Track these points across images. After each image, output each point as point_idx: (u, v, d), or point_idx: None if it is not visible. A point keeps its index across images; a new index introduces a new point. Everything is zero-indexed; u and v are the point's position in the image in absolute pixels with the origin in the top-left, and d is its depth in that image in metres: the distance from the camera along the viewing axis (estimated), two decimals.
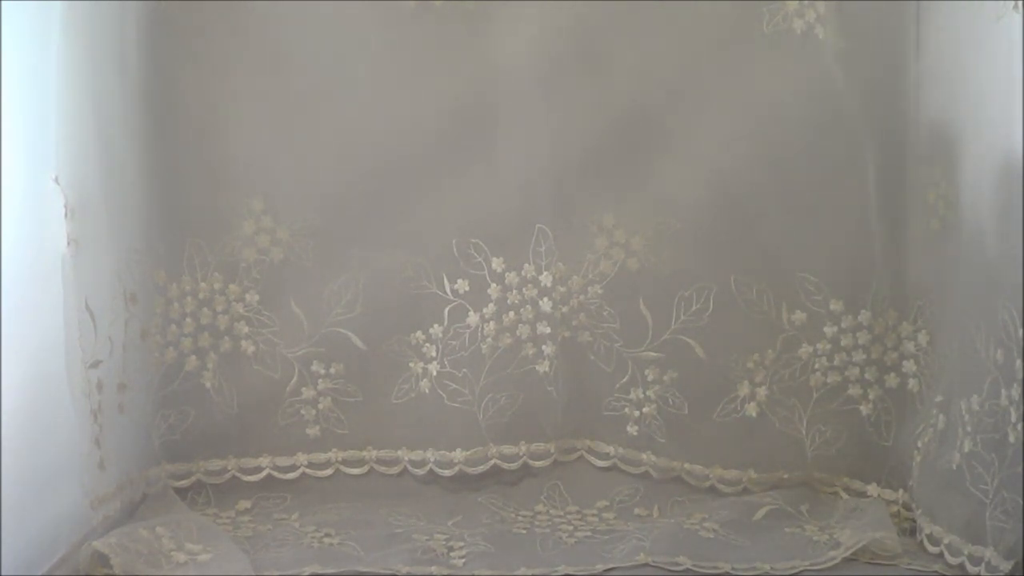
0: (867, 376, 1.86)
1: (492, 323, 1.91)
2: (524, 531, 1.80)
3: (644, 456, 1.91)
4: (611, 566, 1.67)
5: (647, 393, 1.91)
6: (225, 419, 1.91)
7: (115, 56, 1.78)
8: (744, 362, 1.88)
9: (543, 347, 1.91)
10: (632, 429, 1.92)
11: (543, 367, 1.91)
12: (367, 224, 1.91)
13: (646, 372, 1.91)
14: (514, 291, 1.91)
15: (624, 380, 1.92)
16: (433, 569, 1.65)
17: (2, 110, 1.48)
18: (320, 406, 1.93)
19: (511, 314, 1.91)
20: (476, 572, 1.65)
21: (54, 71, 1.62)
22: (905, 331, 1.83)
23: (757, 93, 1.85)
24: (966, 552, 1.59)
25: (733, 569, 1.65)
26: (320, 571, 1.64)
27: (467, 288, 1.91)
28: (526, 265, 1.91)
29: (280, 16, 1.86)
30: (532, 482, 1.92)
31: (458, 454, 1.91)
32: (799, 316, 1.87)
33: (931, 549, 1.67)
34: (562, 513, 1.87)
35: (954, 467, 1.61)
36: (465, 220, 1.91)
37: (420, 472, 1.93)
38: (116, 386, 1.76)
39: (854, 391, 1.87)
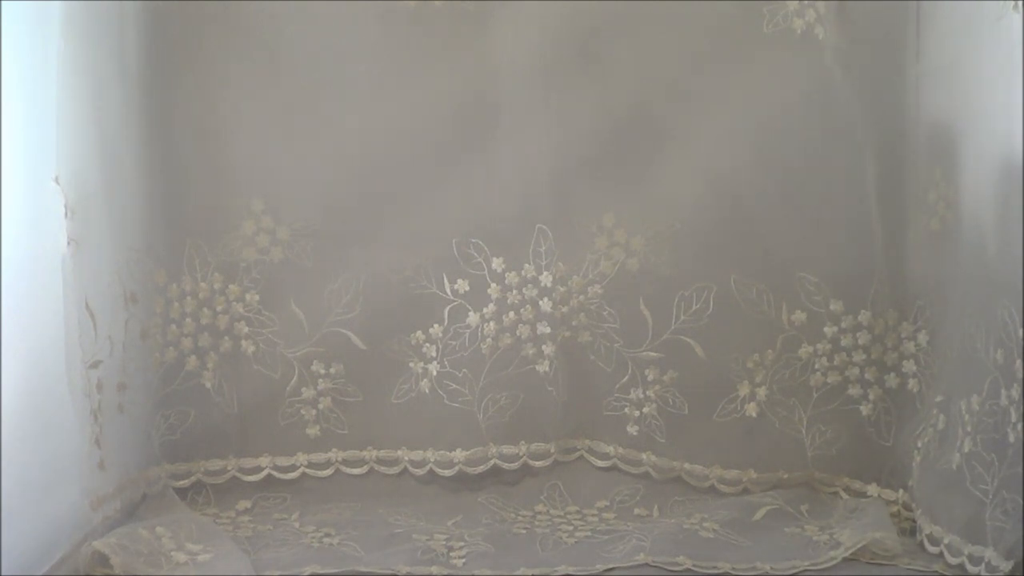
0: (867, 376, 1.86)
1: (492, 323, 1.91)
2: (524, 531, 1.80)
3: (644, 456, 1.91)
4: (611, 566, 1.67)
5: (647, 393, 1.91)
6: (225, 419, 1.91)
7: (115, 56, 1.79)
8: (744, 362, 1.88)
9: (543, 347, 1.91)
10: (632, 429, 1.92)
11: (543, 367, 1.91)
12: (367, 224, 1.91)
13: (646, 372, 1.91)
14: (514, 291, 1.91)
15: (624, 380, 1.92)
16: (433, 569, 1.65)
17: (2, 110, 1.48)
18: (320, 406, 1.93)
19: (511, 314, 1.91)
20: (476, 572, 1.65)
21: (54, 71, 1.62)
22: (905, 331, 1.83)
23: (757, 93, 1.85)
24: (966, 552, 1.59)
25: (733, 569, 1.65)
26: (320, 571, 1.64)
27: (467, 288, 1.91)
28: (526, 265, 1.91)
29: (280, 16, 1.86)
30: (532, 482, 1.92)
31: (458, 454, 1.91)
32: (799, 316, 1.87)
33: (931, 549, 1.67)
34: (562, 513, 1.87)
35: (954, 467, 1.61)
36: (465, 220, 1.91)
37: (420, 472, 1.93)
38: (116, 386, 1.76)
39: (854, 391, 1.87)
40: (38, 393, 1.58)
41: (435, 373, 1.92)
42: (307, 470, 1.93)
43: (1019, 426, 1.51)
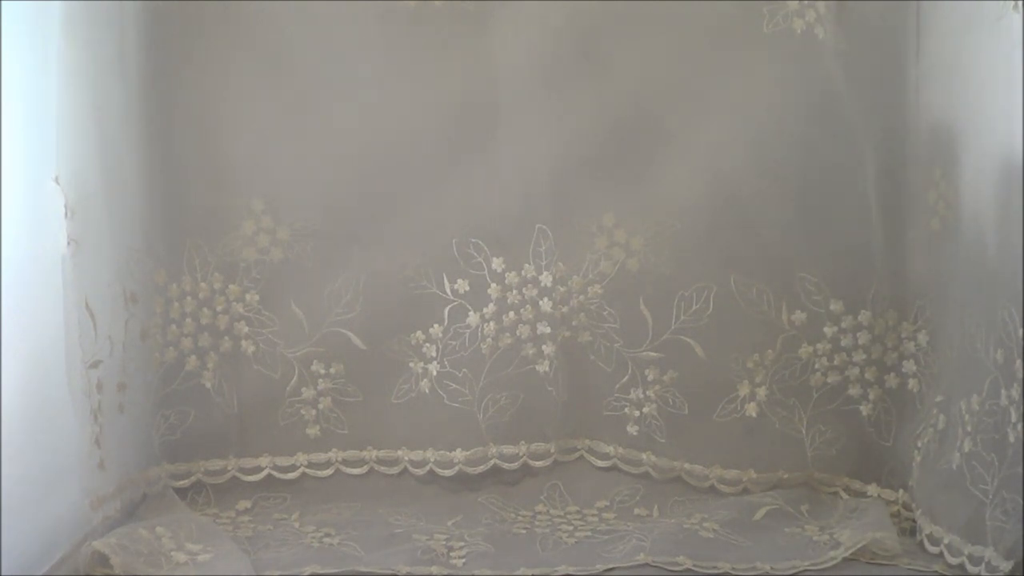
0: (867, 376, 1.86)
1: (492, 323, 1.91)
2: (524, 531, 1.80)
3: (644, 456, 1.91)
4: (611, 566, 1.67)
5: (647, 393, 1.91)
6: (225, 419, 1.91)
7: (115, 56, 1.78)
8: (744, 362, 1.88)
9: (543, 347, 1.91)
10: (632, 429, 1.92)
11: (543, 367, 1.91)
12: (367, 224, 1.92)
13: (646, 372, 1.91)
14: (514, 291, 1.91)
15: (624, 380, 1.92)
16: (433, 569, 1.65)
17: (2, 110, 1.48)
18: (320, 406, 1.93)
19: (511, 314, 1.91)
20: (476, 572, 1.65)
21: (54, 71, 1.62)
22: (905, 331, 1.83)
23: (757, 93, 1.85)
24: (966, 552, 1.59)
25: (733, 569, 1.65)
26: (320, 571, 1.64)
27: (467, 288, 1.91)
28: (526, 265, 1.91)
29: (280, 16, 1.86)
30: (532, 482, 1.92)
31: (458, 454, 1.91)
32: (799, 316, 1.87)
33: (931, 549, 1.67)
34: (562, 513, 1.87)
35: (954, 467, 1.61)
36: (465, 220, 1.91)
37: (420, 472, 1.93)
38: (116, 386, 1.76)
39: (854, 391, 1.87)
40: (38, 393, 1.58)
41: (435, 373, 1.92)
42: (307, 470, 1.93)
43: (1019, 426, 1.51)
